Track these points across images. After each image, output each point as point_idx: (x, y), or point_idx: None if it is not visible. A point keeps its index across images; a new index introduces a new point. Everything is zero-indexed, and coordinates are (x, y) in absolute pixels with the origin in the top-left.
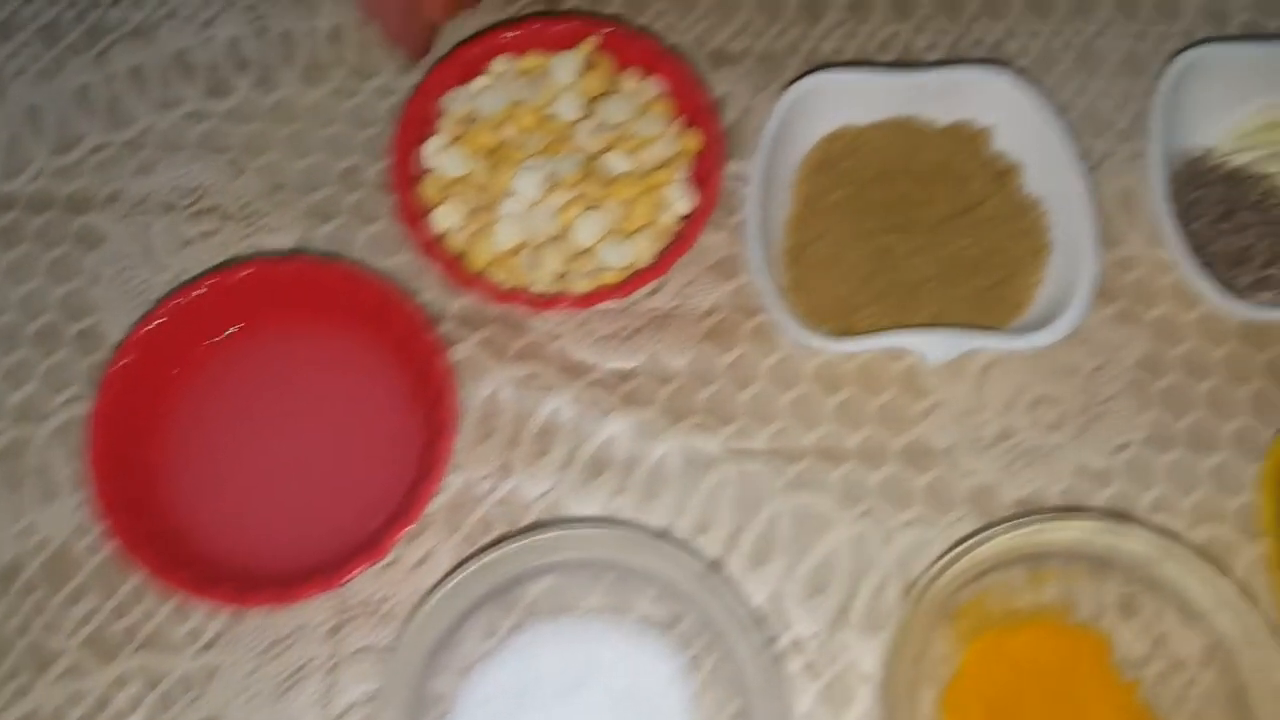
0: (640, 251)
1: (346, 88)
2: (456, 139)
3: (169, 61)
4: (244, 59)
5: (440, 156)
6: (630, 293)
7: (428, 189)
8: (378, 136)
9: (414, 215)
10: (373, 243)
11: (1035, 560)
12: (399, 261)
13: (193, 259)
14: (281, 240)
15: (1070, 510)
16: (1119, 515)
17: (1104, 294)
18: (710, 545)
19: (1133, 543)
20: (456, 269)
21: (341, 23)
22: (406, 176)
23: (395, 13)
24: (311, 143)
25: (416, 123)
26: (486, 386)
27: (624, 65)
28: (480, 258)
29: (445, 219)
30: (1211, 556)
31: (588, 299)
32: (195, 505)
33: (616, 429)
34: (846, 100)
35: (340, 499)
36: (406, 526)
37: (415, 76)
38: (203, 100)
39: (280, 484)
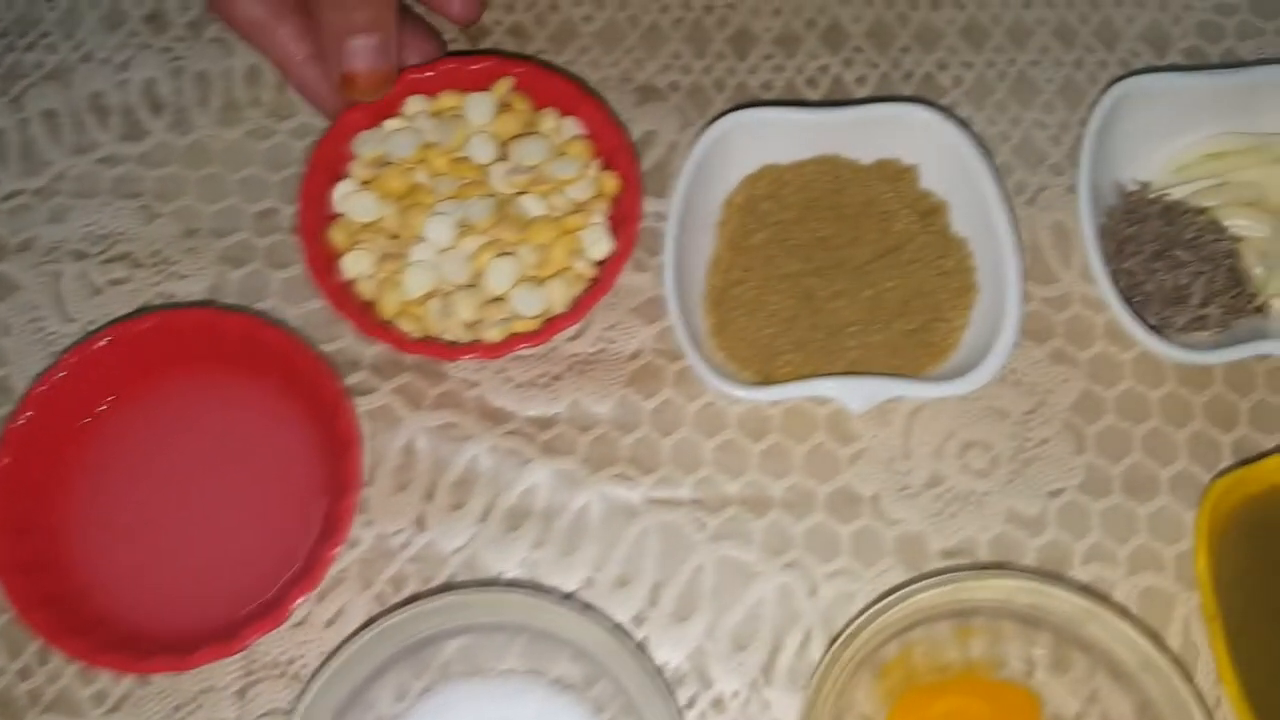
0: (556, 298)
1: (263, 128)
2: (367, 183)
3: (84, 105)
4: (159, 101)
5: (350, 201)
6: (544, 341)
7: (337, 235)
8: (293, 178)
9: (322, 263)
10: (286, 288)
11: (961, 616)
12: (313, 307)
13: (103, 309)
14: (193, 287)
15: (996, 565)
16: (1044, 572)
17: (1037, 334)
18: (632, 600)
19: (1056, 602)
20: (366, 318)
21: (258, 62)
22: (315, 223)
23: (321, 88)
24: (226, 186)
25: (326, 166)
26: (402, 436)
27: (541, 105)
28: (390, 306)
29: (354, 266)
30: (1148, 608)
31: (500, 348)
32: (97, 565)
33: (536, 479)
34: (769, 138)
35: (245, 558)
36: (306, 591)
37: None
38: (117, 144)
39: (185, 542)
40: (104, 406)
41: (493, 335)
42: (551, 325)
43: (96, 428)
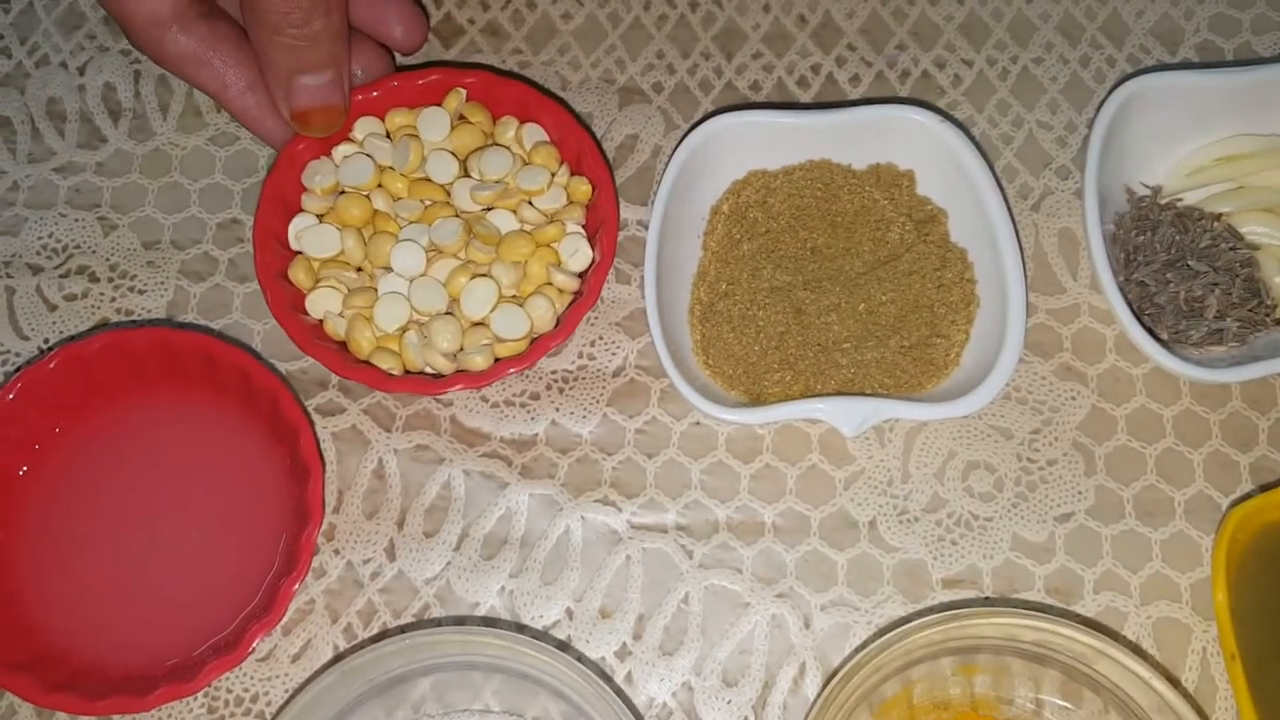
0: (539, 316)
1: (225, 135)
2: (323, 215)
3: (39, 111)
4: (118, 106)
5: (307, 237)
6: (533, 363)
7: (298, 274)
8: (257, 187)
9: (287, 305)
10: (250, 302)
11: (964, 653)
12: None
13: (58, 325)
14: (152, 302)
15: (1001, 598)
16: (1051, 608)
17: (1043, 348)
18: (615, 633)
19: (1064, 640)
20: (341, 359)
21: None
22: (274, 263)
23: (264, 116)
24: (187, 195)
25: (277, 202)
26: (371, 459)
27: (498, 114)
28: (364, 344)
29: (321, 305)
30: (1163, 640)
31: (487, 375)
32: (48, 599)
33: (514, 504)
34: (756, 142)
35: (204, 591)
36: (267, 628)
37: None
38: (73, 152)
39: (140, 574)
40: (54, 431)
41: (477, 362)
42: (539, 345)
43: (46, 454)
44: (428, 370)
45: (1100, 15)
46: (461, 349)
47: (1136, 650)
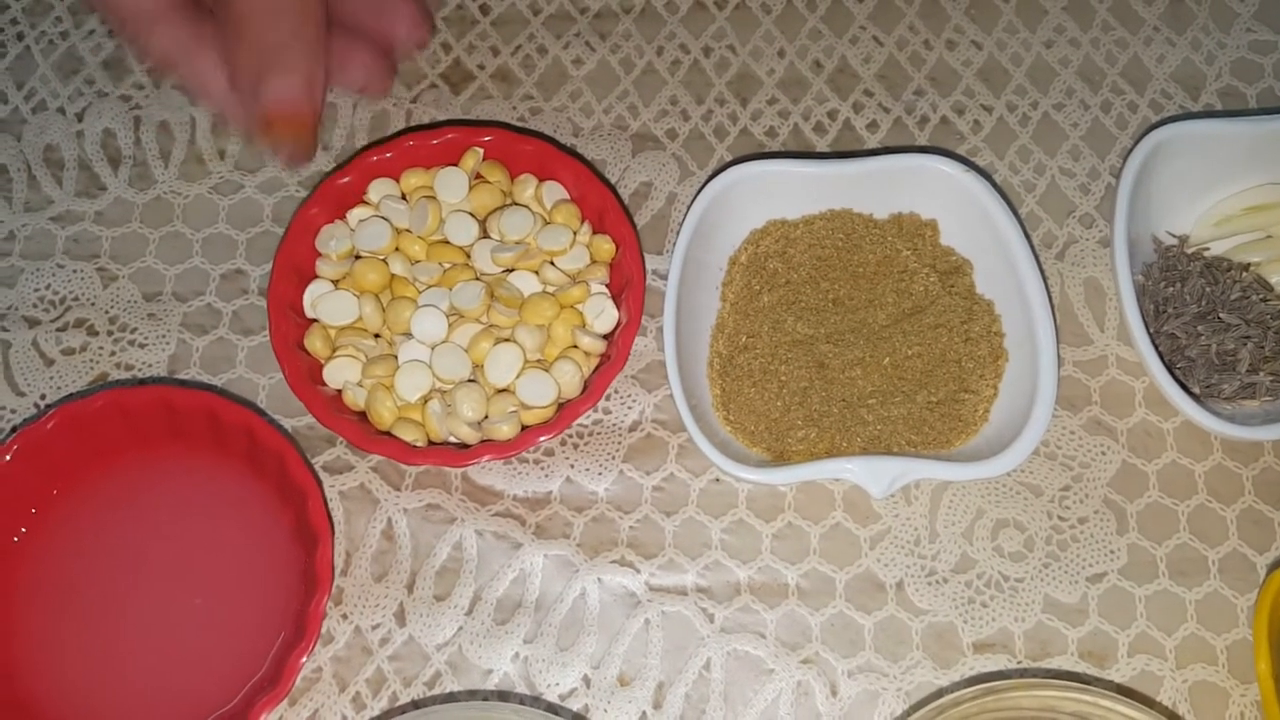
0: (566, 381)
1: (229, 183)
2: (339, 281)
3: (36, 158)
4: (118, 153)
5: (323, 304)
6: (562, 430)
7: (315, 343)
8: (261, 236)
9: (304, 376)
10: (255, 356)
11: None
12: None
13: (55, 381)
14: (153, 356)
15: (1035, 668)
16: (1089, 678)
17: (1071, 401)
18: (634, 701)
19: (1103, 711)
20: (362, 431)
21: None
22: (290, 333)
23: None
24: (189, 245)
25: (292, 269)
26: (380, 519)
27: (516, 172)
28: (385, 415)
29: (339, 375)
30: (1200, 705)
31: (515, 444)
32: (44, 670)
33: (528, 565)
34: (775, 192)
35: (208, 660)
36: (274, 703)
37: (302, 173)
38: (72, 201)
39: (142, 645)
40: (51, 494)
41: (504, 431)
42: (567, 411)
43: (42, 518)
44: (452, 440)
45: (1121, 60)
46: (487, 417)
47: (1174, 718)
